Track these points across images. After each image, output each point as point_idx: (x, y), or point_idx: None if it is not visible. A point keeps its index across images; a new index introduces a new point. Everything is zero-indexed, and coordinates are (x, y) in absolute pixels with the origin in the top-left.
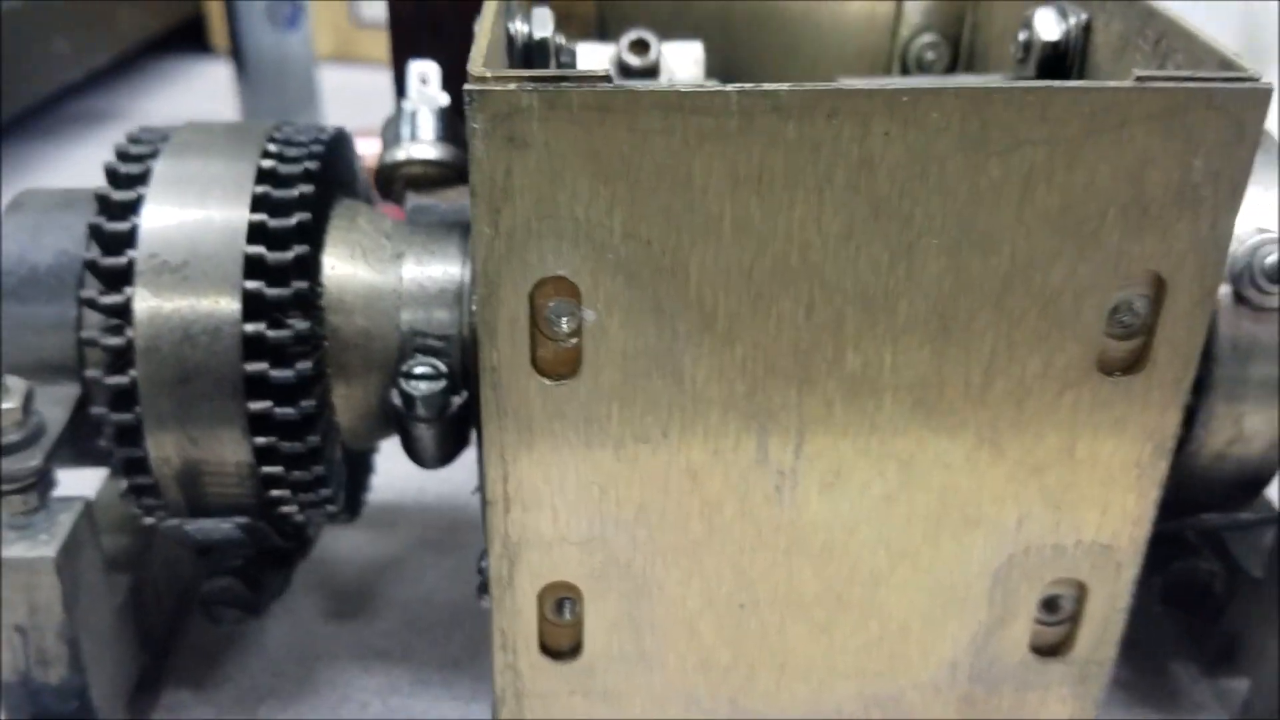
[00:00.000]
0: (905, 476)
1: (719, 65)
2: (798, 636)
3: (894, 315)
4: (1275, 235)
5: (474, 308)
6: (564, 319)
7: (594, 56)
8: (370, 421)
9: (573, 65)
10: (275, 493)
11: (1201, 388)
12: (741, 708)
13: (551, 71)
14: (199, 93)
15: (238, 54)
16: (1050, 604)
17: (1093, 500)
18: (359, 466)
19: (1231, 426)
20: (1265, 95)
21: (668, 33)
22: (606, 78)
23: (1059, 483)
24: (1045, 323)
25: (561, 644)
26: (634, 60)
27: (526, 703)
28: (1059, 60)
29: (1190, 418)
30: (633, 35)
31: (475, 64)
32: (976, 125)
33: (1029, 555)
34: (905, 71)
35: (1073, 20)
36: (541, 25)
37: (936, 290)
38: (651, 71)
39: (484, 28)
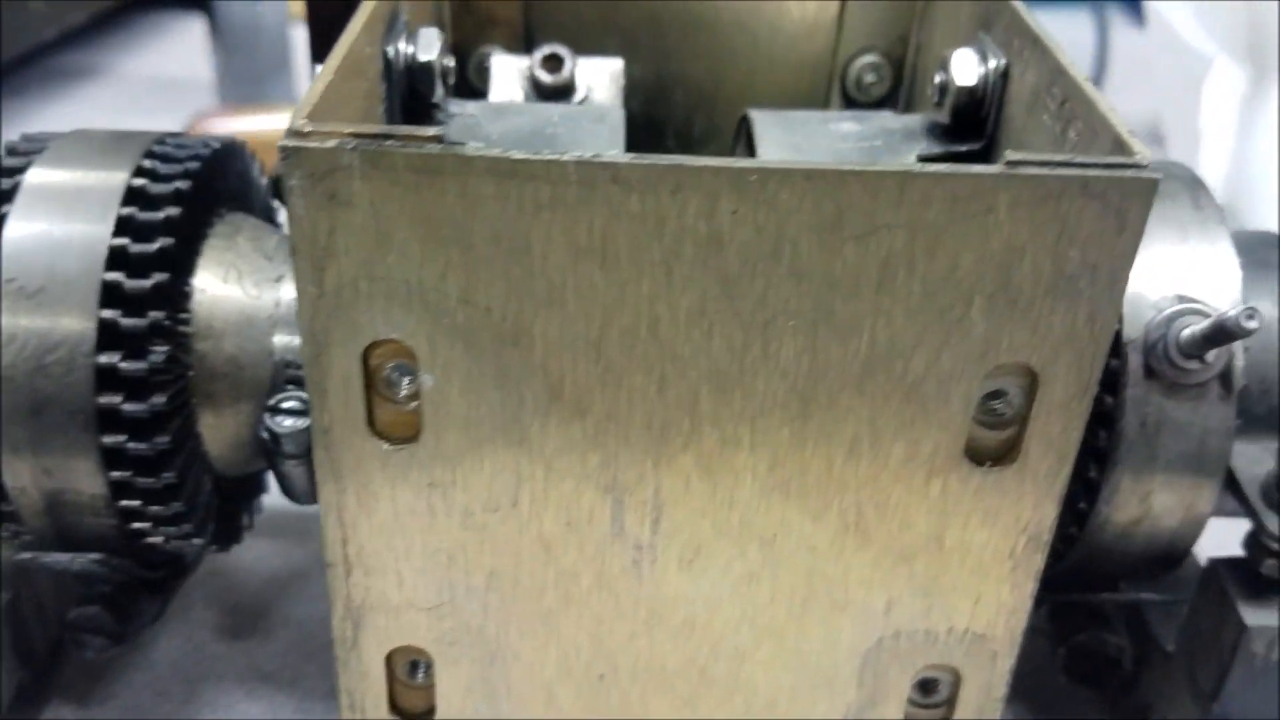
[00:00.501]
0: (768, 557)
1: (650, 76)
2: (660, 709)
3: (751, 395)
4: (1195, 306)
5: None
6: (403, 381)
7: (509, 70)
8: (243, 451)
9: (483, 85)
10: (137, 525)
11: (1106, 463)
12: None
13: (376, 129)
14: (181, 50)
15: (211, 15)
16: (926, 686)
17: (964, 590)
18: (246, 489)
19: (1138, 504)
20: (1149, 185)
21: (597, 39)
22: (436, 139)
23: (928, 571)
24: (909, 409)
25: (416, 705)
26: (546, 77)
27: None
28: (975, 106)
29: (1094, 492)
30: (546, 50)
31: (299, 114)
32: (830, 208)
33: (899, 640)
34: (845, 93)
35: (991, 64)
36: (427, 47)
37: (795, 371)
38: (565, 89)
39: (334, 58)
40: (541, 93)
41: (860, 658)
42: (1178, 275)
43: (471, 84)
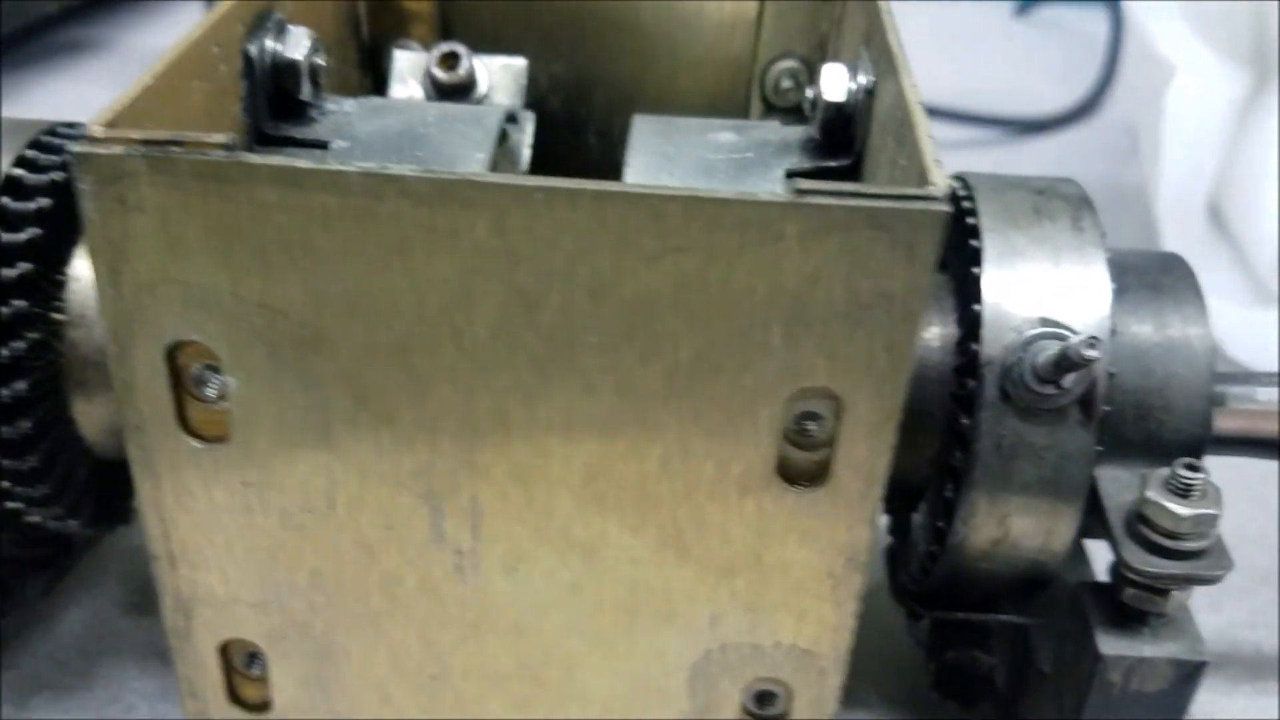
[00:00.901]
0: (590, 567)
1: (571, 75)
2: (495, 710)
3: (558, 408)
4: (1055, 330)
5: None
6: (211, 381)
7: (410, 66)
8: (119, 437)
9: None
10: (9, 505)
11: (962, 484)
12: None
13: (166, 135)
14: (184, 25)
15: None
16: (763, 698)
17: (787, 607)
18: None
19: (996, 526)
20: (937, 218)
21: (516, 38)
22: (225, 145)
23: (750, 587)
24: (716, 428)
25: (255, 697)
26: (443, 75)
27: None
28: (844, 122)
29: (951, 512)
30: (444, 47)
31: (96, 118)
32: (620, 230)
33: (727, 653)
34: (764, 97)
35: (861, 80)
36: (295, 46)
37: (600, 387)
38: (463, 87)
39: (161, 61)
40: (440, 90)
41: (689, 669)
42: (1045, 297)
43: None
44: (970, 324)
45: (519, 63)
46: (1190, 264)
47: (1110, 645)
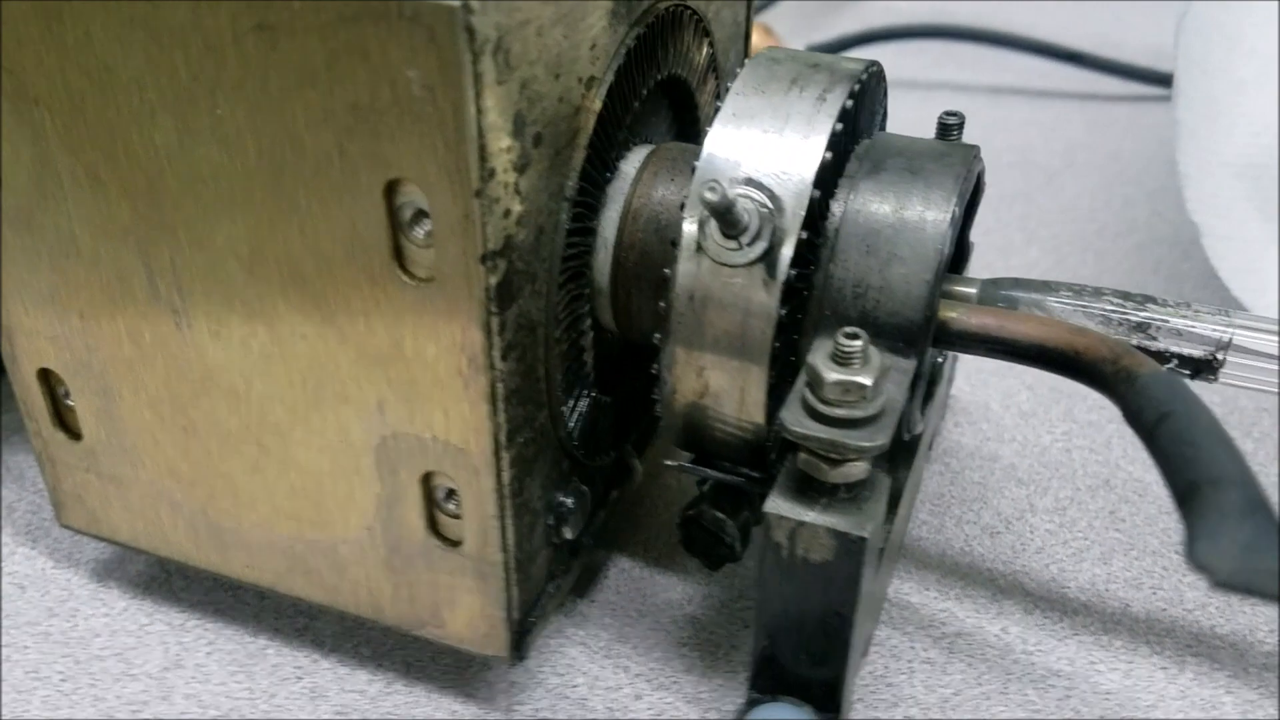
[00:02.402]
0: (274, 340)
1: None
2: (237, 469)
3: (215, 192)
4: (749, 192)
5: None
6: None
7: None
8: None
9: None
10: None
11: (664, 332)
12: (213, 521)
13: None
14: None
15: None
16: (451, 494)
17: (434, 401)
18: None
19: (696, 378)
20: (448, 12)
21: None
22: None
23: (401, 376)
24: (334, 212)
25: (74, 426)
26: None
27: (55, 469)
28: None
29: (657, 358)
30: None
31: None
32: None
33: (398, 441)
34: None
35: None
36: None
37: (239, 147)
38: None
39: None
40: None
41: (374, 453)
42: (756, 159)
43: None
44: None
45: None
46: (969, 155)
47: (777, 505)
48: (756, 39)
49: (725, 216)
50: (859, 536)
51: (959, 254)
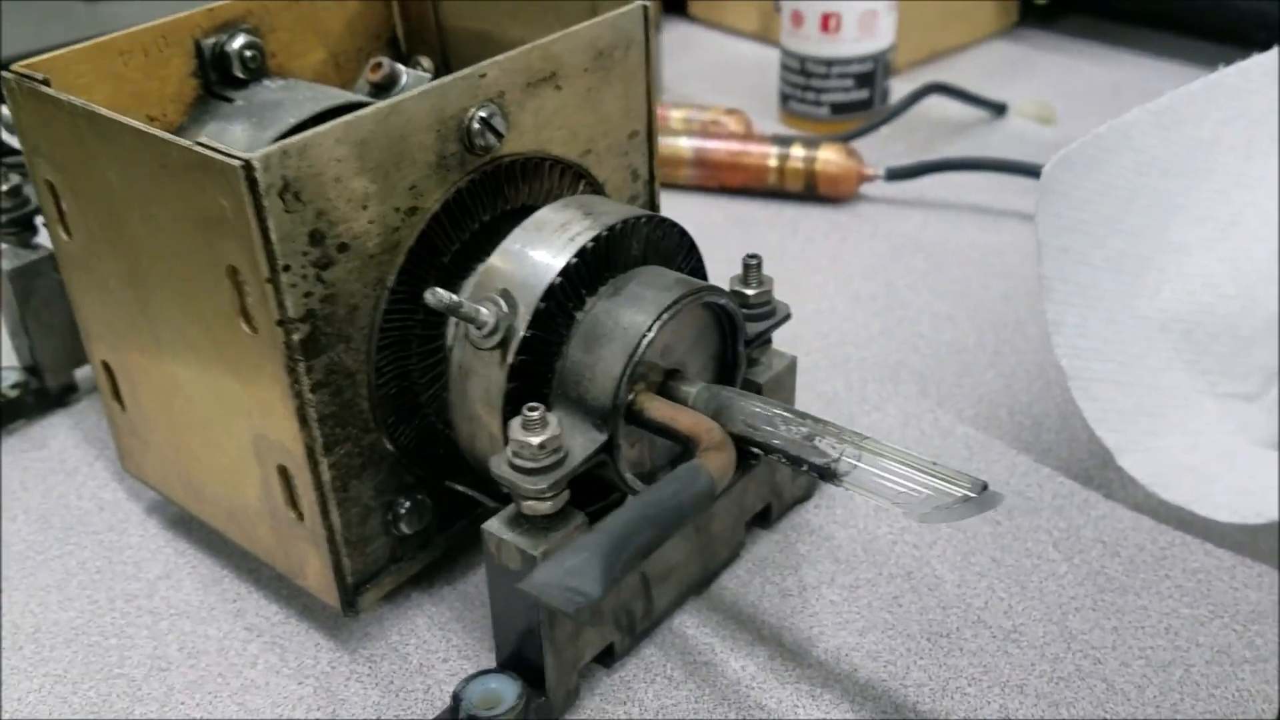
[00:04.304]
0: (198, 362)
1: None
2: (197, 446)
3: (153, 269)
4: (493, 296)
5: None
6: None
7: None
8: None
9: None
10: None
11: (445, 387)
12: (191, 480)
13: (38, 75)
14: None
15: None
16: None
17: (273, 414)
18: None
19: (468, 423)
20: (234, 170)
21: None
22: (44, 80)
23: (255, 395)
24: (209, 283)
25: (123, 400)
26: (371, 76)
27: (116, 430)
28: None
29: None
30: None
31: (20, 65)
32: (126, 149)
33: (262, 440)
34: None
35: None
36: (233, 41)
37: (159, 255)
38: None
39: (115, 37)
40: (372, 87)
41: (253, 445)
42: (513, 276)
43: None
44: None
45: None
46: (693, 288)
47: (490, 525)
48: (836, 157)
49: (459, 313)
50: (533, 554)
51: (730, 368)
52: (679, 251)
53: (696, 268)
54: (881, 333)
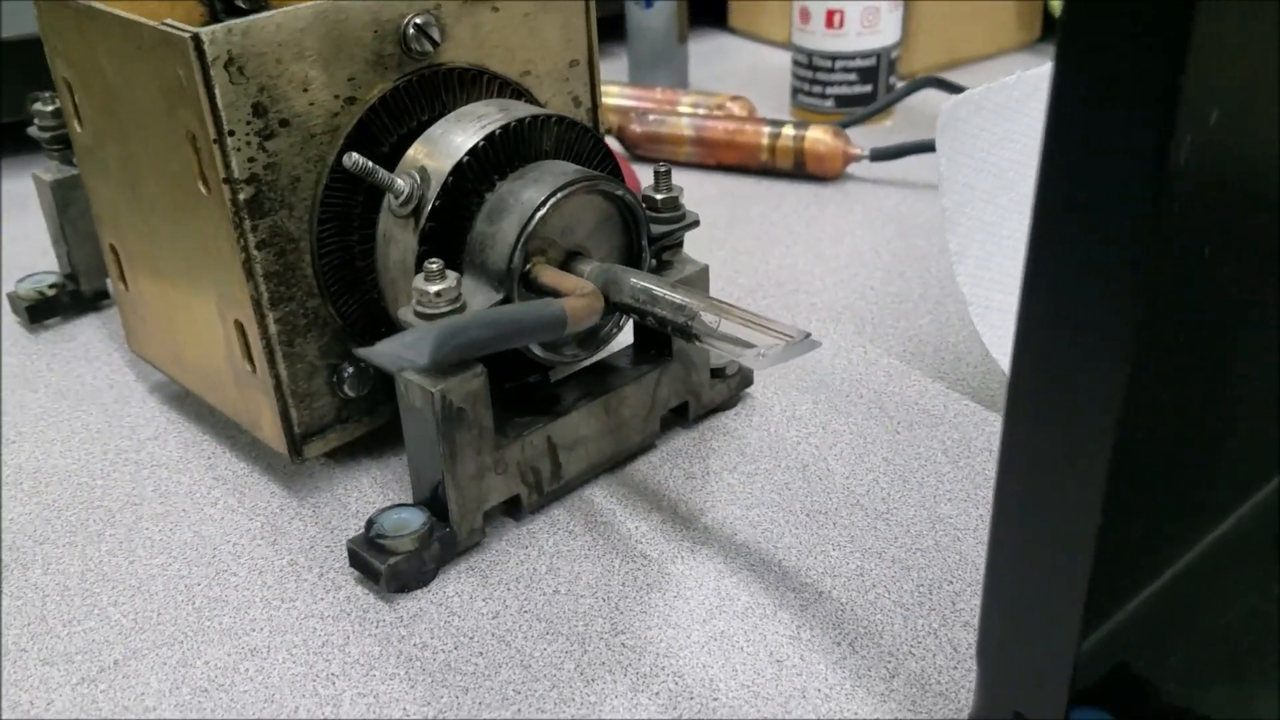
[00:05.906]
0: (173, 229)
1: None
2: (179, 318)
3: (138, 131)
4: (416, 171)
5: None
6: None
7: None
8: None
9: None
10: None
11: (376, 254)
12: (177, 351)
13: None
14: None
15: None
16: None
17: (229, 271)
18: None
19: (391, 286)
20: (182, 40)
21: None
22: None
23: (213, 254)
24: (172, 148)
25: (127, 280)
26: None
27: (122, 309)
28: None
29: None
30: None
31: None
32: (114, 37)
33: (223, 298)
34: None
35: None
36: None
37: (142, 127)
38: None
39: None
40: None
41: (216, 305)
42: (430, 155)
43: None
44: None
45: None
46: (586, 176)
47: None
48: (824, 136)
49: (375, 178)
50: (431, 391)
51: (633, 261)
52: (594, 155)
53: (611, 173)
54: (835, 284)
